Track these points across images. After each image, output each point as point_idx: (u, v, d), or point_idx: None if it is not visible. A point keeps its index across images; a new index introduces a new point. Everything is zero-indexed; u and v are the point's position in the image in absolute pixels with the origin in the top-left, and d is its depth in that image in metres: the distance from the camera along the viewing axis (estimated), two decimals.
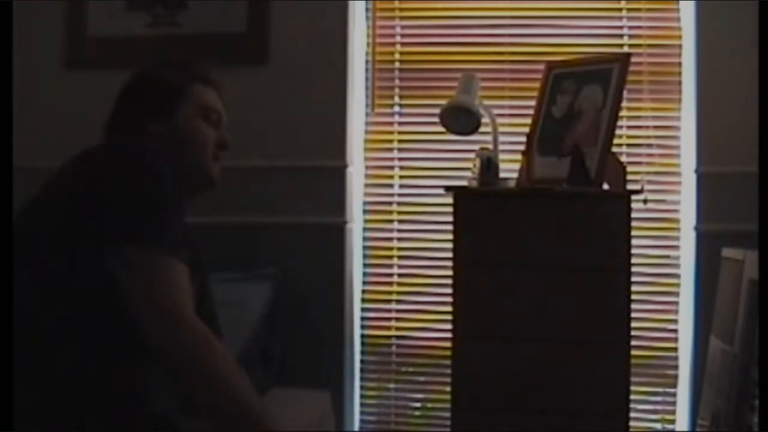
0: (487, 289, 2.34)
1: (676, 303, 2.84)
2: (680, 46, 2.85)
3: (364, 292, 3.01)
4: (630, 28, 2.89)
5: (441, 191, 2.51)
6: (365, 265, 3.02)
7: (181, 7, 2.95)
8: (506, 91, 2.92)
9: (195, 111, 1.64)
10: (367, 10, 3.02)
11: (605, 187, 2.37)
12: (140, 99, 1.61)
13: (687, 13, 2.83)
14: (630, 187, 2.38)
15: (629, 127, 2.84)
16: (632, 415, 2.36)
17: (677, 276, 2.84)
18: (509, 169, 2.60)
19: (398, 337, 3.00)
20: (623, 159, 2.59)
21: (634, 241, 2.30)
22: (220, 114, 1.71)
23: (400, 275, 3.01)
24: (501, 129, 2.62)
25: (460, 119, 2.57)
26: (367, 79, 3.02)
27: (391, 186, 3.02)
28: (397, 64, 3.02)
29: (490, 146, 2.55)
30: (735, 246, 2.53)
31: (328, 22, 2.92)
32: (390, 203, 3.03)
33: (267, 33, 2.93)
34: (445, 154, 2.96)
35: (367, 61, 3.02)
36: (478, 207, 2.39)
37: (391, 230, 3.02)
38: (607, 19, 2.91)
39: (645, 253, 2.77)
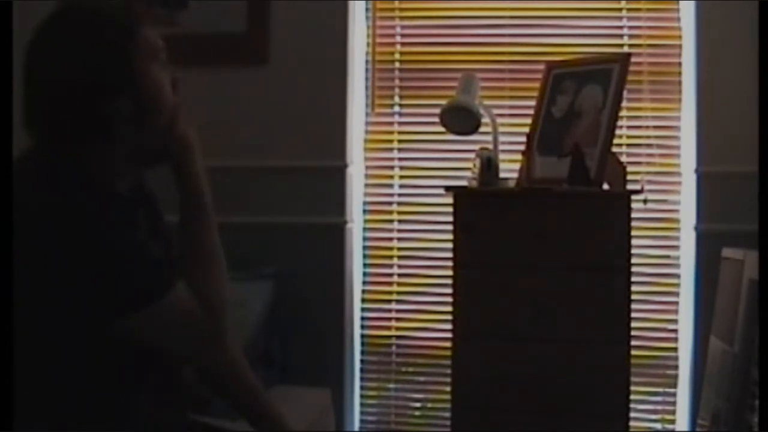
0: (487, 289, 2.34)
1: (676, 303, 2.84)
2: (680, 46, 2.85)
3: (364, 292, 3.01)
4: (630, 28, 2.89)
5: (441, 191, 2.51)
6: (365, 265, 3.02)
7: (181, 7, 2.95)
8: (506, 91, 2.92)
9: (148, 61, 1.36)
10: (367, 10, 3.02)
11: (605, 187, 2.37)
12: (90, 68, 1.31)
13: (687, 13, 2.83)
14: (630, 187, 2.38)
15: (629, 127, 2.84)
16: (632, 415, 2.36)
17: (677, 276, 2.84)
18: (509, 169, 2.60)
19: (398, 337, 3.00)
20: (623, 159, 2.59)
21: (634, 241, 2.30)
22: (164, 49, 1.41)
23: (400, 275, 3.01)
24: (501, 129, 2.62)
25: (460, 119, 2.56)
26: (367, 79, 3.02)
27: (391, 186, 3.03)
28: (397, 64, 3.02)
29: (490, 146, 2.55)
30: (735, 246, 2.53)
31: (328, 22, 2.92)
32: (390, 203, 3.03)
33: (267, 33, 2.94)
34: (445, 154, 2.96)
35: (367, 61, 3.02)
36: (478, 207, 2.39)
37: (391, 230, 3.02)
38: (607, 19, 2.91)
39: (645, 253, 2.77)
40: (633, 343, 2.32)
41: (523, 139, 2.58)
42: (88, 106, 1.33)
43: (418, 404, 3.01)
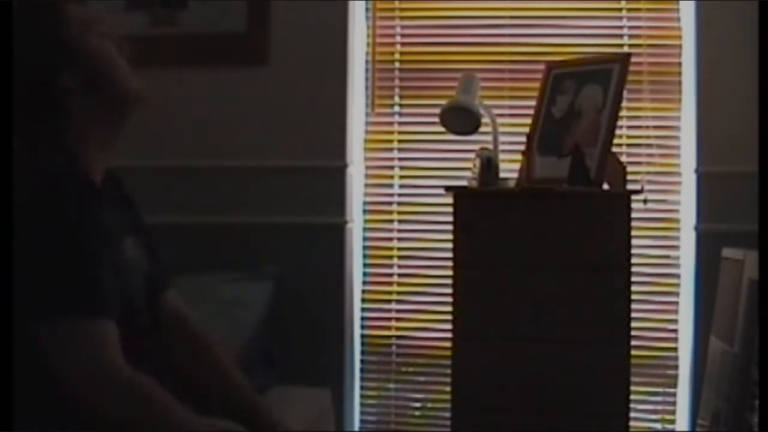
0: (487, 289, 2.34)
1: (676, 303, 2.84)
2: (680, 46, 2.85)
3: (364, 292, 3.01)
4: (630, 28, 2.89)
5: (441, 191, 2.51)
6: (365, 265, 3.02)
7: (181, 7, 2.95)
8: (506, 91, 2.92)
9: (84, 31, 1.39)
10: (367, 10, 3.02)
11: (605, 187, 2.37)
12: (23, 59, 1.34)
13: (687, 13, 2.83)
14: (630, 187, 2.38)
15: (629, 127, 2.84)
16: (632, 415, 2.36)
17: (677, 276, 2.84)
18: (509, 169, 2.60)
19: (398, 337, 3.00)
20: (623, 159, 2.59)
21: (634, 241, 2.30)
22: (106, 24, 1.44)
23: (400, 275, 3.01)
24: (501, 129, 2.62)
25: (460, 119, 2.56)
26: (367, 79, 3.02)
27: (391, 186, 3.02)
28: (397, 64, 3.02)
29: (490, 146, 2.55)
30: (735, 246, 2.53)
31: (328, 22, 2.92)
32: (390, 203, 3.03)
33: (267, 33, 2.93)
34: (445, 154, 2.95)
35: (367, 61, 3.02)
36: (478, 207, 2.39)
37: (391, 230, 3.02)
38: (607, 19, 2.91)
39: (645, 253, 2.76)
40: (633, 343, 2.32)
41: (523, 139, 2.58)
42: (37, 87, 1.34)
43: (418, 404, 3.01)
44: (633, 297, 2.30)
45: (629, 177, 2.41)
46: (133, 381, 1.27)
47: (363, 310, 3.01)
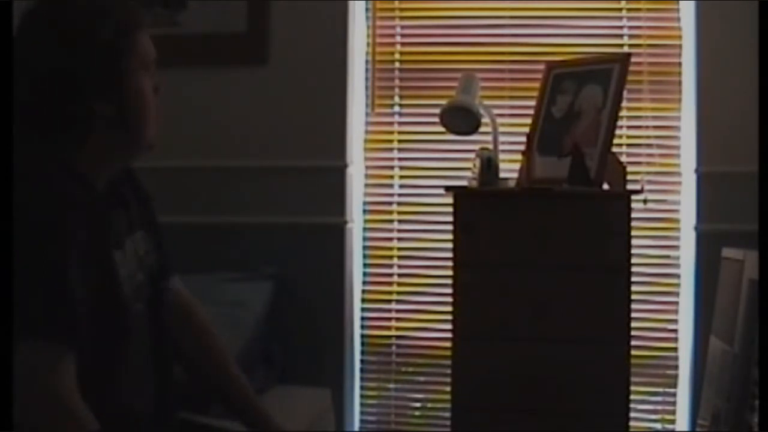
0: (487, 289, 2.34)
1: (676, 303, 2.84)
2: (680, 46, 2.85)
3: (364, 292, 3.01)
4: (630, 28, 2.89)
5: (441, 191, 2.51)
6: (365, 265, 3.02)
7: (181, 7, 2.95)
8: (506, 91, 2.92)
9: (138, 68, 1.37)
10: (367, 10, 3.02)
11: (605, 187, 2.37)
12: (77, 69, 1.30)
13: (687, 13, 2.83)
14: (630, 187, 2.38)
15: (629, 127, 2.84)
16: (632, 415, 2.36)
17: (677, 276, 2.84)
18: (509, 169, 2.60)
19: (398, 337, 3.00)
20: (623, 159, 2.59)
21: (634, 241, 2.30)
22: (155, 57, 1.43)
23: (400, 275, 3.01)
24: (501, 129, 2.62)
25: (460, 119, 2.56)
26: (367, 79, 3.02)
27: (391, 186, 3.02)
28: (397, 64, 3.02)
29: (490, 146, 2.55)
30: (735, 246, 2.53)
31: (328, 22, 2.92)
32: (390, 203, 3.03)
33: (267, 33, 2.93)
34: (445, 154, 2.95)
35: (367, 61, 3.02)
36: (478, 207, 2.39)
37: (391, 230, 3.02)
38: (607, 19, 2.91)
39: (645, 253, 2.76)
40: (633, 343, 2.32)
41: (523, 139, 2.57)
42: (66, 103, 1.30)
43: (418, 404, 3.01)
44: (633, 297, 2.30)
45: (629, 177, 2.41)
46: (82, 416, 1.20)
47: (363, 310, 3.01)
